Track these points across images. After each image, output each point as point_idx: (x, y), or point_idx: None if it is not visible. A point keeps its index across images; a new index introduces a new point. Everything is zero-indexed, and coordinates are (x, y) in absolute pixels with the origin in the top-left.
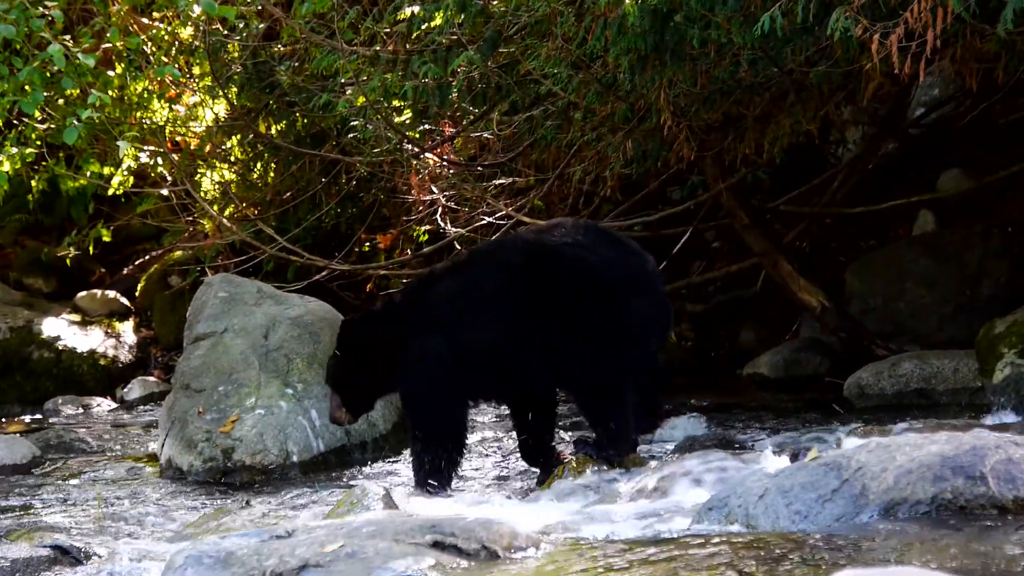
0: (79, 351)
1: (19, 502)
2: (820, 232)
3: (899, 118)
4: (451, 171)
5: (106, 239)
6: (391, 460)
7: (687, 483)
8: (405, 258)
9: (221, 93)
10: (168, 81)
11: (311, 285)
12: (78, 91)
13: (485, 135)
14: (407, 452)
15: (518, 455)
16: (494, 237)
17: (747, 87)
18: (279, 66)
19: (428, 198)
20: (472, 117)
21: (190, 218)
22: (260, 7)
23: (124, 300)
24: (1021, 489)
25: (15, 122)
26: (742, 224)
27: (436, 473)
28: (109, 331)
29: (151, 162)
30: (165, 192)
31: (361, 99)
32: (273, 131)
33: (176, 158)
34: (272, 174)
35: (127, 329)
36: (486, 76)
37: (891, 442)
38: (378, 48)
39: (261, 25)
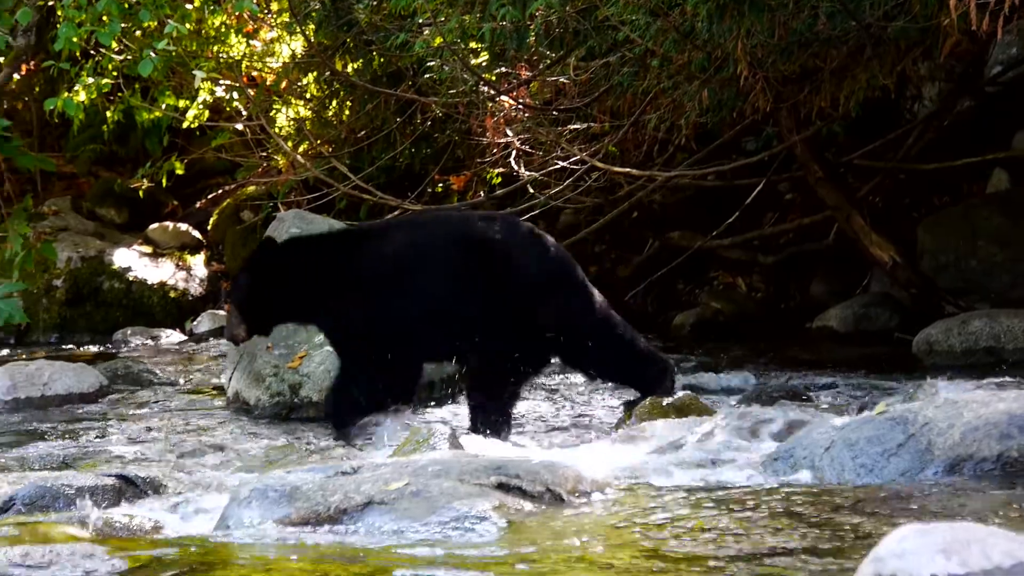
0: (149, 283)
1: (86, 431)
2: (894, 187)
3: (976, 75)
4: (526, 114)
5: (179, 172)
6: (458, 400)
7: (753, 433)
8: (478, 200)
9: (299, 29)
10: (246, 16)
11: None
12: (155, 23)
13: (561, 79)
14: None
15: (582, 397)
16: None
17: (824, 40)
18: (357, 4)
19: (502, 141)
20: (549, 61)
21: (264, 153)
22: None
23: (196, 233)
24: None
25: (92, 53)
26: (816, 177)
27: (350, 408)
28: (180, 264)
29: (226, 96)
30: (240, 127)
31: (438, 39)
32: (349, 69)
33: (252, 93)
34: (347, 112)
35: (198, 262)
36: (564, 20)
37: (958, 398)
38: None
39: None
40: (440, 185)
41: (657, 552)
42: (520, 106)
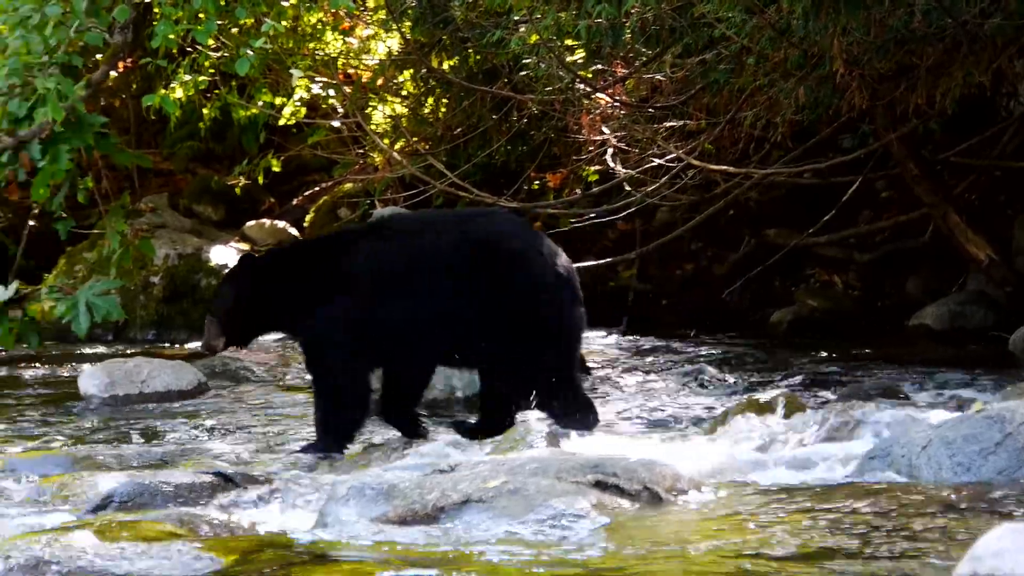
0: None
1: (184, 428)
2: (990, 185)
3: None
4: (622, 112)
5: (276, 169)
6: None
7: (850, 431)
8: (574, 197)
9: (395, 27)
10: (342, 13)
11: None
12: (252, 20)
13: (657, 77)
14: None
15: (679, 395)
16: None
17: (920, 37)
18: (453, 1)
19: (598, 138)
20: (645, 58)
21: (360, 151)
22: None
23: (293, 230)
24: None
25: (188, 50)
26: (912, 175)
27: (338, 432)
28: None
29: (323, 94)
30: (336, 124)
31: (534, 37)
32: (445, 66)
33: (348, 90)
34: (443, 109)
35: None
36: (660, 17)
37: None
38: None
39: None
40: (536, 183)
41: (754, 550)
42: (616, 103)
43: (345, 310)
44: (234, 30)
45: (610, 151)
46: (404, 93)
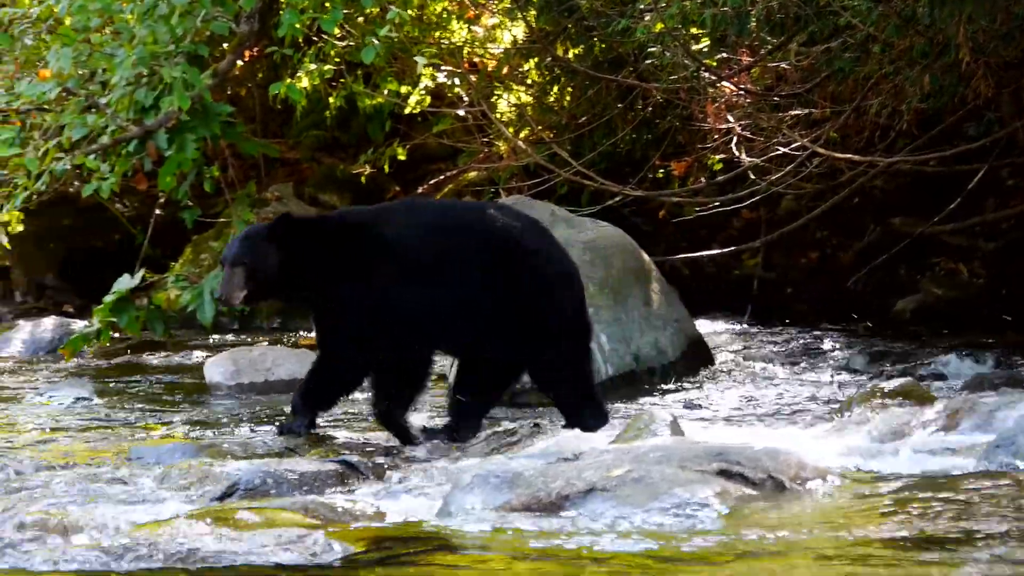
0: None
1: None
2: None
3: None
4: (747, 100)
5: (401, 158)
6: (679, 386)
7: (975, 420)
8: (699, 186)
9: (520, 15)
10: (467, 2)
11: (604, 210)
12: (377, 9)
13: (782, 65)
14: (695, 378)
15: (803, 384)
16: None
17: None
18: None
19: (723, 127)
20: (770, 47)
21: (485, 139)
22: None
23: None
24: None
25: (314, 39)
26: None
27: (319, 402)
28: None
29: (448, 82)
30: (461, 113)
31: (659, 25)
32: (570, 55)
33: (473, 79)
34: (568, 98)
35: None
36: (785, 6)
37: None
38: None
39: None
40: (661, 171)
41: (878, 539)
42: (741, 92)
43: (369, 288)
44: (360, 19)
45: (735, 139)
46: (529, 82)
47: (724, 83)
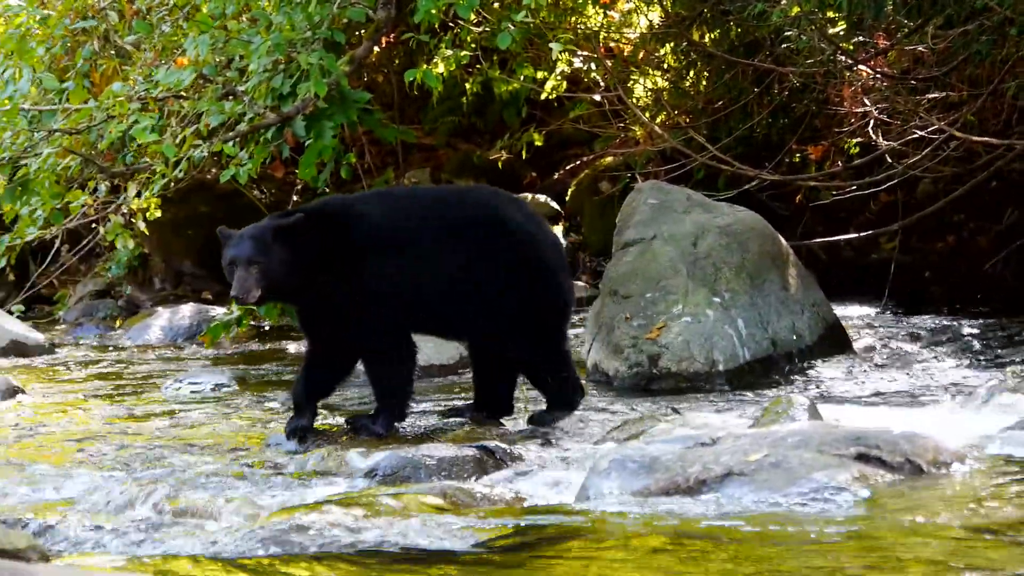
0: None
1: (446, 402)
2: None
3: None
4: (884, 84)
5: (538, 143)
6: (816, 370)
7: None
8: (835, 170)
9: (656, 0)
10: None
11: (740, 194)
12: None
13: (919, 48)
14: (833, 363)
15: (941, 368)
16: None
17: None
18: None
19: (860, 110)
20: (907, 30)
21: (621, 124)
22: None
23: (554, 204)
24: None
25: (450, 25)
26: None
27: (402, 398)
28: None
29: (584, 67)
30: (597, 98)
31: (795, 9)
32: (706, 39)
33: (609, 64)
34: (704, 82)
35: (556, 233)
36: None
37: None
38: None
39: None
40: (797, 155)
41: (1018, 523)
42: (878, 75)
43: (385, 272)
44: (495, 4)
45: (872, 123)
46: (665, 66)
47: (860, 67)
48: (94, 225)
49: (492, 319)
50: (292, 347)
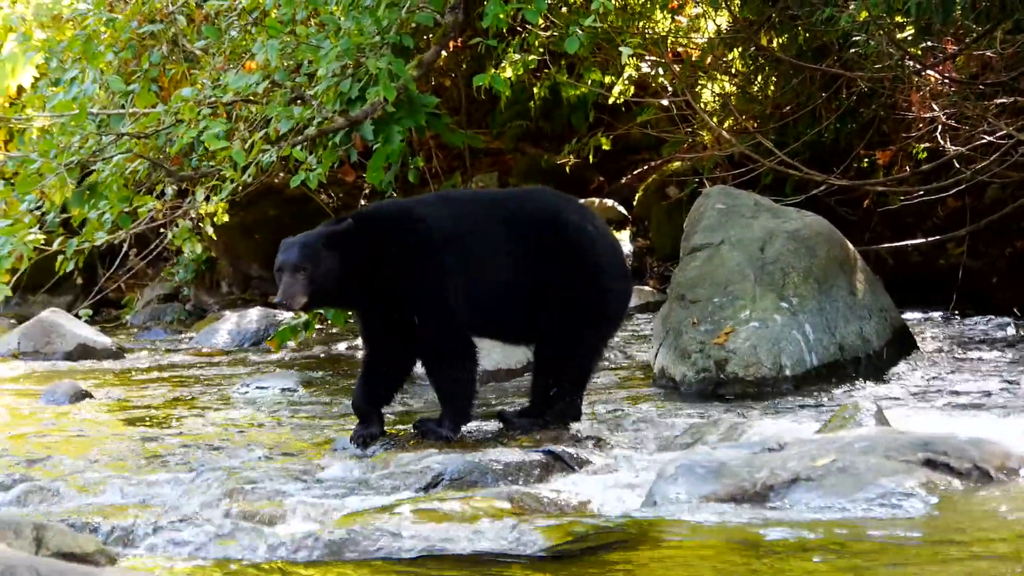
0: None
1: (513, 406)
2: None
3: None
4: (952, 89)
5: (605, 147)
6: (883, 376)
7: None
8: (904, 175)
9: (724, 5)
10: None
11: (808, 199)
12: None
13: (988, 53)
14: (900, 368)
15: (1008, 374)
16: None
17: None
18: None
19: (928, 115)
20: (975, 35)
21: (689, 129)
22: None
23: (621, 209)
24: None
25: (518, 29)
26: None
27: (467, 399)
28: None
29: (652, 72)
30: (665, 102)
31: (864, 13)
32: (775, 44)
33: (677, 69)
34: (772, 87)
35: (623, 238)
36: None
37: None
38: None
39: None
40: (865, 160)
41: None
42: (946, 80)
43: (444, 276)
44: (563, 9)
45: (940, 128)
46: (733, 71)
47: (929, 71)
48: (162, 229)
49: (544, 323)
50: (359, 351)
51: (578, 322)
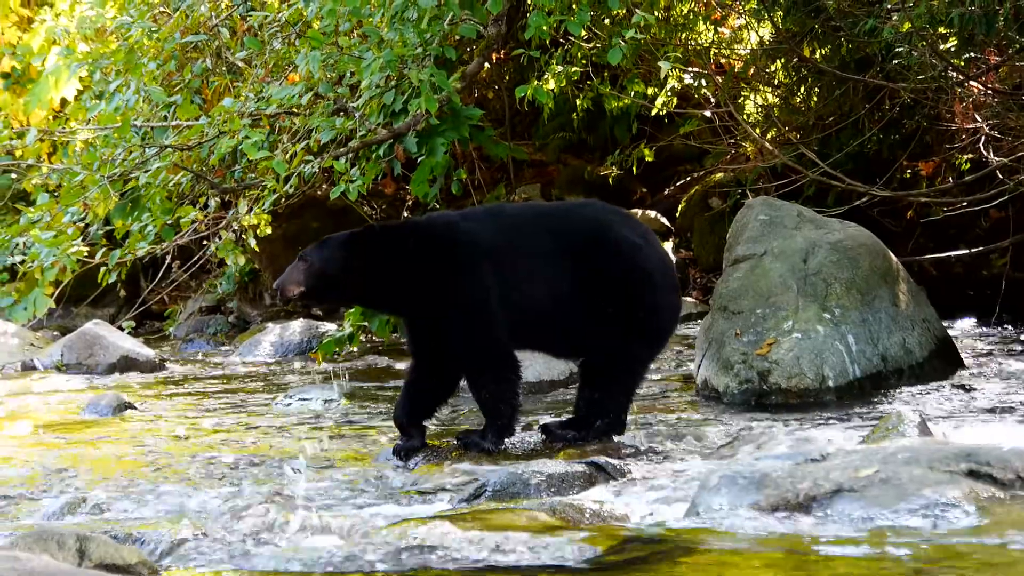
0: None
1: (555, 418)
2: None
3: None
4: (995, 100)
5: (649, 159)
6: (927, 387)
7: None
8: (946, 186)
9: (766, 16)
10: (713, 3)
11: (851, 210)
12: (624, 11)
13: None
14: (943, 379)
15: None
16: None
17: None
18: None
19: (971, 126)
20: (1018, 46)
21: (732, 140)
22: None
23: (664, 220)
24: None
25: (561, 41)
26: None
27: (510, 413)
28: None
29: (695, 83)
30: (708, 114)
31: (907, 25)
32: (817, 55)
33: (720, 80)
34: (815, 98)
35: (667, 249)
36: None
37: None
38: None
39: None
40: (908, 171)
41: None
42: (989, 91)
43: (486, 289)
44: (606, 20)
45: (983, 139)
46: (776, 82)
47: (972, 83)
48: (204, 241)
49: (593, 337)
50: (402, 363)
51: (627, 337)
